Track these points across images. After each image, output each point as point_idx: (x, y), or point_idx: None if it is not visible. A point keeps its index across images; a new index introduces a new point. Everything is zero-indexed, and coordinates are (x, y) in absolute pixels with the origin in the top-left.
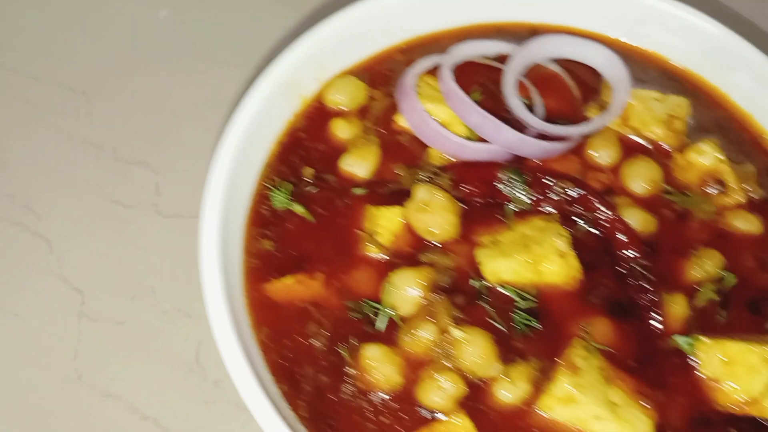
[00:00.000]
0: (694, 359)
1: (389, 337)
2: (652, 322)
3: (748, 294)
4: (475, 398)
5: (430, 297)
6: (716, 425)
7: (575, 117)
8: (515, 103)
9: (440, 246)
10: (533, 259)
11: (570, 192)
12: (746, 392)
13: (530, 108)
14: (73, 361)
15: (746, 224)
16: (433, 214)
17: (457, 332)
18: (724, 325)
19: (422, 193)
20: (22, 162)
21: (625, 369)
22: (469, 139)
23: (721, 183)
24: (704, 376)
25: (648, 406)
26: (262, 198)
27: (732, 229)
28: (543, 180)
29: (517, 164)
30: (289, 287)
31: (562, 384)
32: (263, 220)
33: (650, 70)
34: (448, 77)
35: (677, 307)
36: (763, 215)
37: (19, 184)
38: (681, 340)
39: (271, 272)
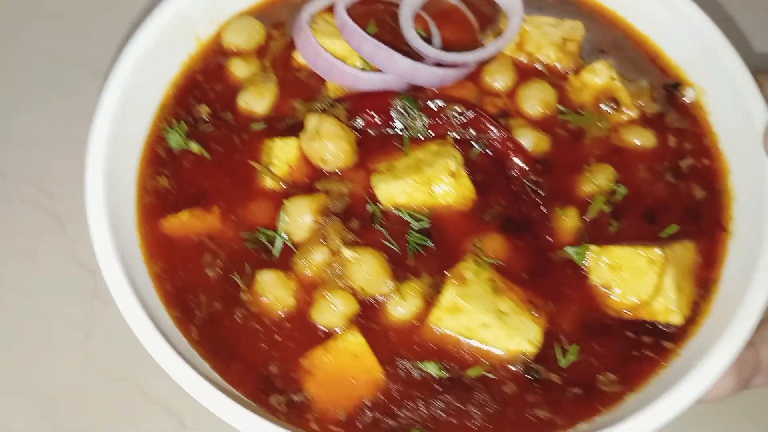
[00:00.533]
0: (584, 268)
1: (284, 263)
2: (544, 236)
3: (644, 204)
4: (367, 316)
5: (323, 221)
6: (611, 330)
7: (474, 46)
8: (411, 35)
9: (337, 174)
10: (425, 181)
11: (461, 114)
12: (635, 295)
13: (428, 40)
14: (84, 343)
15: (640, 138)
16: (325, 141)
17: (347, 252)
18: (615, 234)
19: (313, 121)
20: (37, 141)
21: (518, 281)
22: (364, 70)
23: (614, 100)
24: (595, 284)
25: (537, 315)
26: (158, 139)
27: (626, 144)
28: (435, 105)
29: (413, 92)
30: (184, 223)
31: (450, 294)
32: (159, 160)
33: None
34: (341, 10)
35: (569, 220)
36: (657, 129)
37: (34, 163)
38: (570, 250)
39: (167, 209)
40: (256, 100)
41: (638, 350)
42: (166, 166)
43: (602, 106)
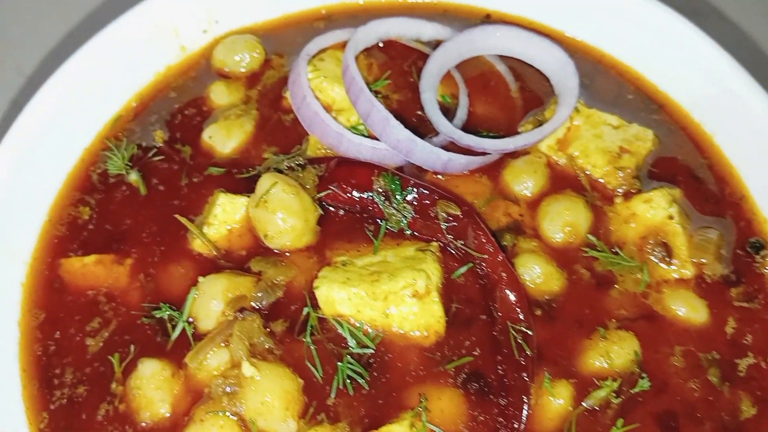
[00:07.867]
0: None
1: (177, 355)
2: (515, 412)
3: (665, 404)
4: None
5: (235, 315)
6: None
7: (507, 129)
8: (427, 98)
9: (282, 254)
10: (381, 296)
11: (450, 218)
12: None
13: (451, 109)
14: None
15: (687, 309)
16: (271, 213)
17: (248, 369)
18: None
19: (264, 184)
20: None
21: None
22: (354, 130)
23: (665, 247)
24: None
25: None
26: (95, 158)
27: (666, 312)
28: (424, 197)
29: (414, 172)
30: (87, 267)
31: None
32: (89, 184)
33: (627, 90)
34: (350, 49)
35: (558, 398)
36: (714, 301)
37: None
38: None
39: (75, 246)
40: (222, 138)
41: None
42: (94, 194)
43: (648, 250)
